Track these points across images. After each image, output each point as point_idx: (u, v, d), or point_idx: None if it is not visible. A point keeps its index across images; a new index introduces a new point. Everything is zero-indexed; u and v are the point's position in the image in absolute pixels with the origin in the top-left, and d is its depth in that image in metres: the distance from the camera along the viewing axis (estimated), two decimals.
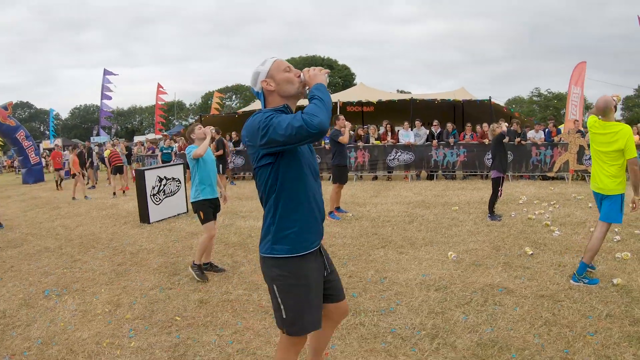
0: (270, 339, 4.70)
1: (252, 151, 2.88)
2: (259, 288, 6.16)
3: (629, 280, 6.28)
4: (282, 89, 3.00)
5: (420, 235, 9.03)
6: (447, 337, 4.66)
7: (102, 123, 39.14)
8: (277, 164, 2.84)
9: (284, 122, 2.62)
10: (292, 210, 2.90)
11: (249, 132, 2.81)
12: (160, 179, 11.93)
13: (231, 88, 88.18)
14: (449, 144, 17.61)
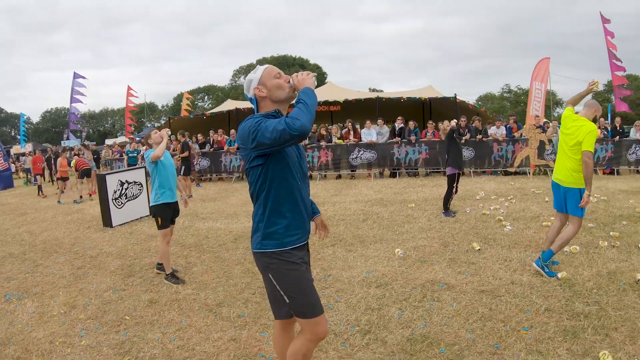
0: (210, 335, 4.86)
1: (245, 153, 3.07)
2: (207, 287, 6.32)
3: (574, 274, 6.21)
4: (274, 95, 3.16)
5: (371, 233, 8.94)
6: (379, 333, 4.71)
7: (72, 127, 38.65)
8: (267, 165, 3.03)
9: (270, 126, 2.80)
10: (279, 208, 3.10)
11: (241, 136, 3.00)
12: (122, 182, 11.83)
13: (203, 89, 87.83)
14: (411, 142, 17.67)
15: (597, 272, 6.26)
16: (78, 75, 34.34)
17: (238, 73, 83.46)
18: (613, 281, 5.94)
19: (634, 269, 6.33)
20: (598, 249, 7.31)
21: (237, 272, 6.95)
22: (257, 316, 5.29)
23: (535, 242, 7.85)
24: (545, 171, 17.12)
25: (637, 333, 4.57)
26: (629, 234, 8.14)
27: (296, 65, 78.08)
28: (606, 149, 17.13)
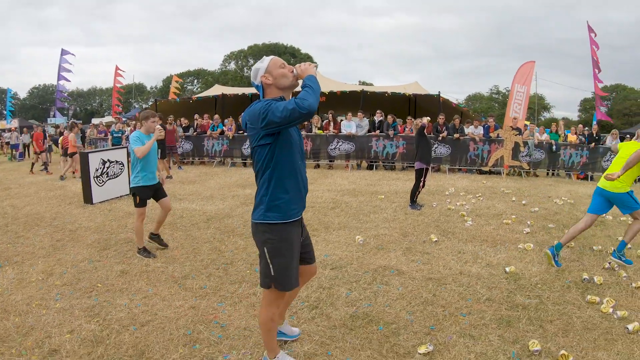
0: (172, 303, 5.19)
1: (253, 133, 3.42)
2: (176, 262, 6.63)
3: (523, 270, 6.41)
4: (279, 82, 3.50)
5: (337, 220, 9.12)
6: (326, 309, 5.04)
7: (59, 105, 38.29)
8: (274, 144, 3.38)
9: (280, 106, 3.18)
10: (283, 184, 3.45)
11: (251, 117, 3.38)
12: (104, 161, 11.96)
13: (193, 72, 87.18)
14: (389, 136, 17.81)
15: (545, 269, 6.46)
16: (66, 51, 33.92)
17: (228, 59, 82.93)
18: (559, 278, 6.14)
19: (583, 269, 6.53)
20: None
21: (205, 249, 7.23)
22: (218, 288, 5.62)
23: (492, 237, 8.05)
24: (520, 172, 17.37)
25: (571, 327, 4.76)
26: (586, 236, 8.32)
27: (287, 54, 77.70)
28: (581, 155, 17.37)
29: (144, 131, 6.96)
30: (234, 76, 77.02)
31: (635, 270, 6.61)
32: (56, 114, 40.07)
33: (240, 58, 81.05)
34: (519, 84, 18.62)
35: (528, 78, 18.96)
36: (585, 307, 5.26)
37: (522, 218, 9.58)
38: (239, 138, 19.11)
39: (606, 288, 5.87)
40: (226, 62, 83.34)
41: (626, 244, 6.82)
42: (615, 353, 4.27)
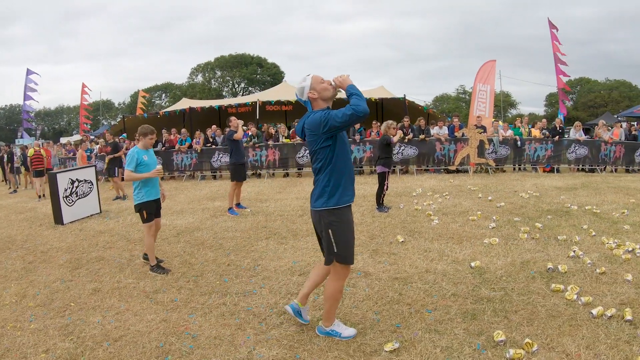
0: (144, 317, 5.23)
1: (314, 138, 4.09)
2: (147, 277, 6.66)
3: (488, 264, 6.49)
4: (323, 95, 4.17)
5: (305, 227, 9.14)
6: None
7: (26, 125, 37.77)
8: (333, 145, 4.07)
9: (339, 113, 3.86)
10: (340, 176, 4.13)
11: (311, 126, 4.06)
12: (73, 181, 11.78)
13: (161, 86, 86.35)
14: (356, 141, 17.91)
15: (511, 262, 6.55)
16: (31, 71, 33.55)
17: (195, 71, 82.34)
18: (524, 270, 6.23)
19: (547, 259, 6.63)
20: (517, 241, 7.63)
21: (176, 263, 7.22)
22: (188, 300, 5.64)
23: (459, 234, 8.14)
24: (487, 169, 17.57)
25: (535, 316, 4.84)
26: (551, 227, 8.47)
27: (254, 64, 77.69)
28: (546, 148, 17.62)
29: (142, 147, 6.93)
30: (201, 88, 76.47)
31: (599, 257, 6.74)
32: (24, 134, 39.41)
33: (207, 70, 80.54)
34: (481, 83, 18.81)
35: (490, 77, 19.15)
36: (550, 296, 5.34)
37: (488, 214, 9.70)
38: (208, 151, 19.03)
39: (571, 276, 5.97)
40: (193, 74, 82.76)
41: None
42: (580, 338, 4.34)
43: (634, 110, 30.86)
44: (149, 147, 7.02)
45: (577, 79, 75.05)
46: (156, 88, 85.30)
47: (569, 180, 15.34)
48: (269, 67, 78.83)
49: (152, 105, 78.60)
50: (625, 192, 12.68)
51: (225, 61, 78.37)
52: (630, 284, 5.66)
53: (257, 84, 76.80)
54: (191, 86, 79.74)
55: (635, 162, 18.32)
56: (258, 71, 78.73)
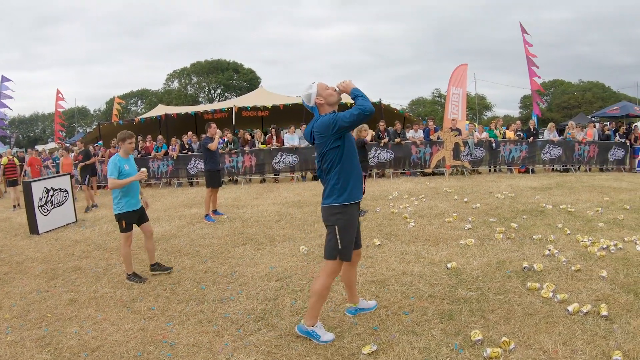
0: (121, 327, 5.17)
1: (323, 140, 4.34)
2: (124, 286, 6.58)
3: (464, 264, 6.54)
4: (329, 101, 4.43)
5: (282, 233, 9.12)
6: (271, 319, 5.11)
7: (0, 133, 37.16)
8: (342, 146, 4.33)
9: (347, 114, 4.17)
10: (349, 175, 4.39)
11: (320, 129, 4.33)
12: (47, 190, 11.57)
13: (136, 93, 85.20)
14: None
15: (487, 262, 6.60)
16: (5, 78, 32.95)
17: (171, 77, 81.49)
18: (500, 269, 6.28)
19: (523, 258, 6.69)
20: (493, 241, 7.70)
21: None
22: (166, 309, 5.59)
23: (435, 236, 8.18)
24: (462, 171, 17.70)
25: (512, 314, 4.87)
26: (526, 226, 8.56)
27: (230, 70, 77.36)
28: (521, 150, 17.82)
29: (123, 154, 6.84)
30: (177, 95, 75.70)
31: (575, 254, 6.82)
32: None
33: (183, 76, 79.87)
34: (455, 86, 18.95)
35: (462, 80, 19.29)
36: (526, 294, 5.39)
37: (464, 215, 9.76)
38: (184, 158, 18.94)
39: (546, 274, 6.04)
40: (169, 80, 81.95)
41: None
42: (557, 334, 4.38)
43: (606, 111, 31.23)
44: (129, 152, 6.92)
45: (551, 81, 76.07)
46: (132, 94, 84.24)
47: (543, 180, 15.51)
48: (245, 73, 78.43)
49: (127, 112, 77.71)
50: (599, 191, 12.86)
51: (201, 67, 77.85)
52: (605, 280, 5.75)
53: (233, 89, 76.35)
54: (167, 92, 78.92)
55: (609, 161, 18.68)
56: (234, 77, 78.21)
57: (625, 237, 7.71)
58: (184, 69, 79.37)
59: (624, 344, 4.17)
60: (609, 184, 14.60)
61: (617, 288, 5.50)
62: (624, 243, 7.41)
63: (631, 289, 5.44)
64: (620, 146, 18.95)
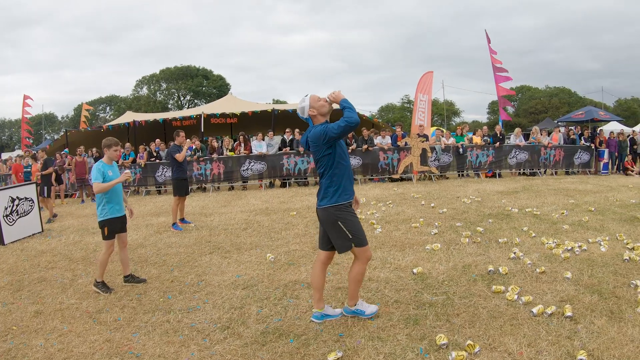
0: (87, 338, 5.07)
1: (316, 149, 4.70)
2: (90, 296, 6.45)
3: (430, 269, 6.55)
4: (321, 111, 4.76)
5: (249, 240, 9.04)
6: (237, 328, 5.06)
7: None
8: (334, 152, 4.68)
9: (335, 125, 4.52)
10: (341, 178, 4.73)
11: (313, 138, 4.68)
12: (13, 199, 11.24)
13: (105, 99, 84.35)
14: (300, 152, 17.91)
15: (452, 266, 6.63)
16: None
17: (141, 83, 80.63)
18: (466, 273, 6.31)
19: (489, 262, 6.75)
20: (459, 245, 7.74)
21: (119, 281, 7.00)
22: (132, 319, 5.51)
23: (401, 242, 8.20)
24: (430, 177, 17.81)
25: (477, 318, 4.89)
26: (492, 230, 8.63)
27: (199, 76, 76.97)
28: (487, 155, 18.01)
29: (107, 160, 6.74)
30: (146, 101, 75.07)
31: (540, 257, 6.91)
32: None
33: (153, 82, 79.16)
34: (422, 93, 19.05)
35: (428, 87, 19.43)
36: (491, 297, 5.41)
37: (431, 220, 9.81)
38: (152, 166, 18.69)
39: (511, 277, 6.09)
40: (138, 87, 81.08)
41: None
42: (521, 336, 4.40)
43: (572, 116, 31.79)
44: (114, 159, 6.83)
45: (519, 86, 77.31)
46: (100, 101, 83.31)
47: (510, 184, 15.69)
48: (214, 79, 78.18)
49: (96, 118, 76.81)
50: (564, 194, 13.06)
51: (170, 73, 77.34)
52: (569, 281, 5.83)
53: (203, 96, 75.95)
54: (136, 99, 78.15)
55: (574, 165, 18.99)
56: (204, 83, 77.87)
57: (589, 239, 7.87)
58: (153, 75, 78.77)
59: (588, 343, 4.22)
60: (575, 186, 14.84)
61: (581, 289, 5.58)
62: (589, 244, 7.55)
63: (595, 289, 5.53)
64: (585, 150, 19.32)
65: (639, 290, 5.47)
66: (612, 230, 8.51)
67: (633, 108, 69.64)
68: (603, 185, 15.27)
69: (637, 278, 5.85)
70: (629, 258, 6.67)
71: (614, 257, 6.84)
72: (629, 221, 9.32)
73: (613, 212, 10.35)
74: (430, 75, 19.43)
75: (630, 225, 8.96)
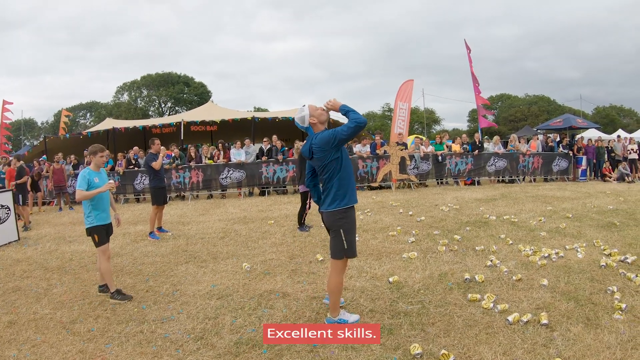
0: (60, 349, 5.01)
1: (324, 154, 4.81)
2: (64, 306, 6.34)
3: (406, 278, 6.51)
4: (320, 119, 4.96)
5: (226, 250, 8.94)
6: (211, 339, 5.00)
7: None
8: (340, 157, 4.85)
9: (344, 128, 4.68)
10: (347, 183, 4.92)
11: (322, 144, 4.78)
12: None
13: (85, 105, 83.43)
14: (278, 161, 17.87)
15: (429, 275, 6.59)
16: None
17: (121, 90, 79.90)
18: (442, 282, 6.27)
19: (465, 270, 6.72)
20: (435, 254, 7.72)
21: (94, 291, 6.89)
22: (105, 330, 5.44)
23: (378, 250, 8.16)
24: (409, 184, 17.82)
25: (452, 327, 4.85)
26: (469, 238, 8.61)
27: (180, 83, 76.60)
28: (466, 162, 18.06)
29: (94, 167, 6.66)
30: (127, 108, 74.40)
31: (516, 264, 6.91)
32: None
33: (134, 89, 78.55)
34: (401, 101, 19.16)
35: (408, 95, 19.51)
36: (466, 306, 5.39)
37: (408, 228, 9.79)
38: (130, 173, 18.45)
39: (488, 285, 6.08)
40: (119, 93, 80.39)
41: None
42: (497, 345, 4.38)
43: (550, 123, 32.04)
44: (100, 165, 6.77)
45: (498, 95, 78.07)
46: (81, 107, 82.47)
47: (489, 191, 15.75)
48: (195, 87, 77.81)
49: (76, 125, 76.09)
50: (542, 201, 13.13)
51: (151, 80, 76.79)
52: (546, 288, 5.83)
53: (183, 103, 75.54)
54: (117, 105, 77.56)
55: (553, 172, 19.15)
56: (185, 90, 77.57)
57: (566, 245, 7.90)
58: (134, 81, 78.19)
59: (564, 351, 4.21)
60: (553, 193, 14.93)
61: (557, 296, 5.58)
62: (565, 251, 7.58)
63: (572, 296, 5.54)
64: (563, 157, 19.46)
65: (615, 296, 5.48)
66: (589, 237, 8.55)
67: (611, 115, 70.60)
68: (581, 192, 15.38)
69: (613, 284, 5.89)
70: (605, 264, 6.70)
71: (591, 264, 6.86)
72: (606, 227, 9.38)
73: (590, 218, 10.41)
74: (411, 83, 19.52)
75: (607, 231, 9.02)
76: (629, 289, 5.76)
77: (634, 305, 5.27)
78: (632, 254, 7.21)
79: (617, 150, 21.26)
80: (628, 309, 5.13)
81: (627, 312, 5.07)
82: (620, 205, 12.37)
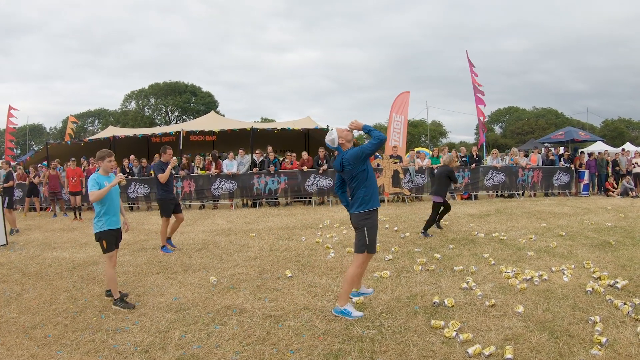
0: (14, 352, 5.04)
1: (352, 167, 5.51)
2: (30, 311, 6.36)
3: (371, 299, 6.20)
4: (347, 139, 5.71)
5: (199, 262, 8.73)
6: (155, 353, 4.89)
7: None
8: (367, 168, 5.58)
9: (369, 144, 5.44)
10: (371, 189, 5.58)
11: (352, 159, 5.48)
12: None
13: (94, 112, 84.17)
14: (270, 172, 17.72)
15: (397, 296, 6.25)
16: None
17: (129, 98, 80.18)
18: (408, 304, 5.92)
19: (436, 292, 6.36)
20: (410, 273, 7.38)
21: (62, 298, 6.87)
22: (61, 336, 5.43)
23: None
24: (403, 198, 17.49)
25: (404, 356, 4.51)
26: (451, 257, 8.28)
27: (188, 92, 76.80)
28: (463, 176, 17.70)
29: (103, 172, 6.67)
30: (134, 116, 74.82)
31: (494, 287, 6.52)
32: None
33: (141, 97, 78.98)
34: (397, 113, 18.83)
35: (404, 107, 19.19)
36: (427, 333, 5.01)
37: (388, 245, 9.48)
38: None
39: (457, 310, 5.69)
40: (127, 101, 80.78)
41: None
42: None
43: (551, 136, 31.63)
44: (109, 171, 6.75)
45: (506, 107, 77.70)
46: (89, 114, 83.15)
47: (484, 206, 15.41)
48: (203, 96, 78.23)
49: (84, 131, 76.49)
50: (538, 217, 12.80)
51: (159, 88, 77.22)
52: (520, 316, 5.42)
53: (190, 112, 75.91)
54: (124, 113, 78.06)
55: (553, 186, 18.76)
56: (192, 100, 77.87)
57: (553, 267, 7.49)
58: (142, 90, 78.62)
59: None
60: (551, 209, 14.58)
61: (531, 325, 5.15)
62: (551, 273, 7.18)
63: (547, 326, 5.11)
64: (564, 171, 19.08)
65: (596, 327, 4.96)
66: (580, 257, 8.13)
67: (620, 128, 70.36)
68: (581, 207, 15.01)
69: (597, 313, 5.43)
70: (591, 290, 6.24)
71: (576, 288, 6.41)
72: (599, 247, 8.97)
73: (585, 236, 10.02)
74: (407, 95, 19.22)
75: (601, 251, 8.61)
76: (613, 319, 5.26)
77: (616, 338, 4.75)
78: (624, 278, 6.75)
79: (622, 164, 20.83)
80: (609, 344, 4.61)
81: (607, 347, 4.55)
82: (620, 222, 11.96)
